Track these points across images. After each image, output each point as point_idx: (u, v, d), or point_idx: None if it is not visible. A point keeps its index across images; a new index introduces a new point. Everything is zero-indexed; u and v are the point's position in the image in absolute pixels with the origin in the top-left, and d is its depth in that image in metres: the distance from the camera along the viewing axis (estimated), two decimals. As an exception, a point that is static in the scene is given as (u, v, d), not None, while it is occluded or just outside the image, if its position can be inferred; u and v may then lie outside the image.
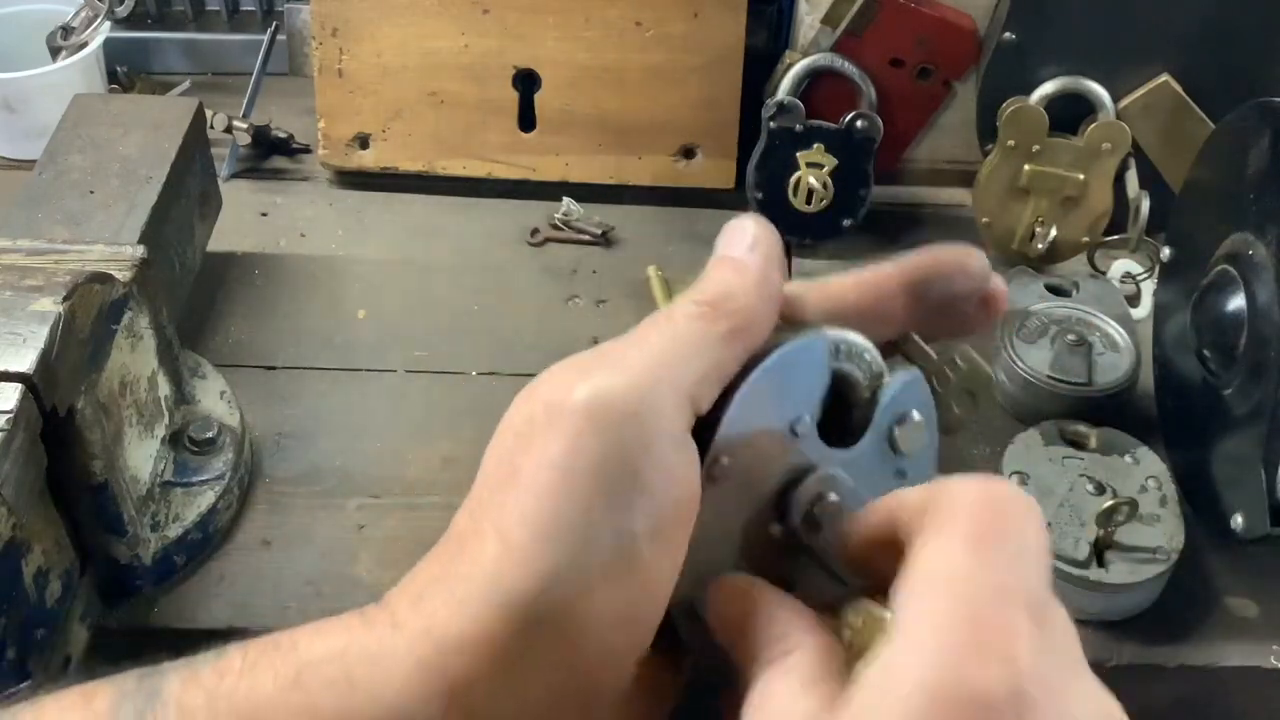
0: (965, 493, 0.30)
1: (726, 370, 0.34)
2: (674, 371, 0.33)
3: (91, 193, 0.78)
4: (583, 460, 0.31)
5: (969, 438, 0.81)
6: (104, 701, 0.31)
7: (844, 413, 0.38)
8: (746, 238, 0.36)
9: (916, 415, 0.38)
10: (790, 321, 0.37)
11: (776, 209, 0.96)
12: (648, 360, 0.33)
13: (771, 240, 0.36)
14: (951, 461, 0.85)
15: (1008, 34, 0.91)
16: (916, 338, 0.39)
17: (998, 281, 0.39)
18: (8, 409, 0.56)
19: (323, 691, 0.31)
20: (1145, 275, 0.91)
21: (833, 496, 0.36)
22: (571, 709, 0.32)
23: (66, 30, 1.02)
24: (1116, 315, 0.85)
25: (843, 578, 0.36)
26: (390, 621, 0.32)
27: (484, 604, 0.30)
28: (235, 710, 0.30)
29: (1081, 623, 0.72)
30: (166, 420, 0.73)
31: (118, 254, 0.68)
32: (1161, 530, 0.71)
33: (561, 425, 0.31)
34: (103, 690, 0.32)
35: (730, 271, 0.36)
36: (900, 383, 0.38)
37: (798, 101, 0.94)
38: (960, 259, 0.38)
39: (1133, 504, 0.70)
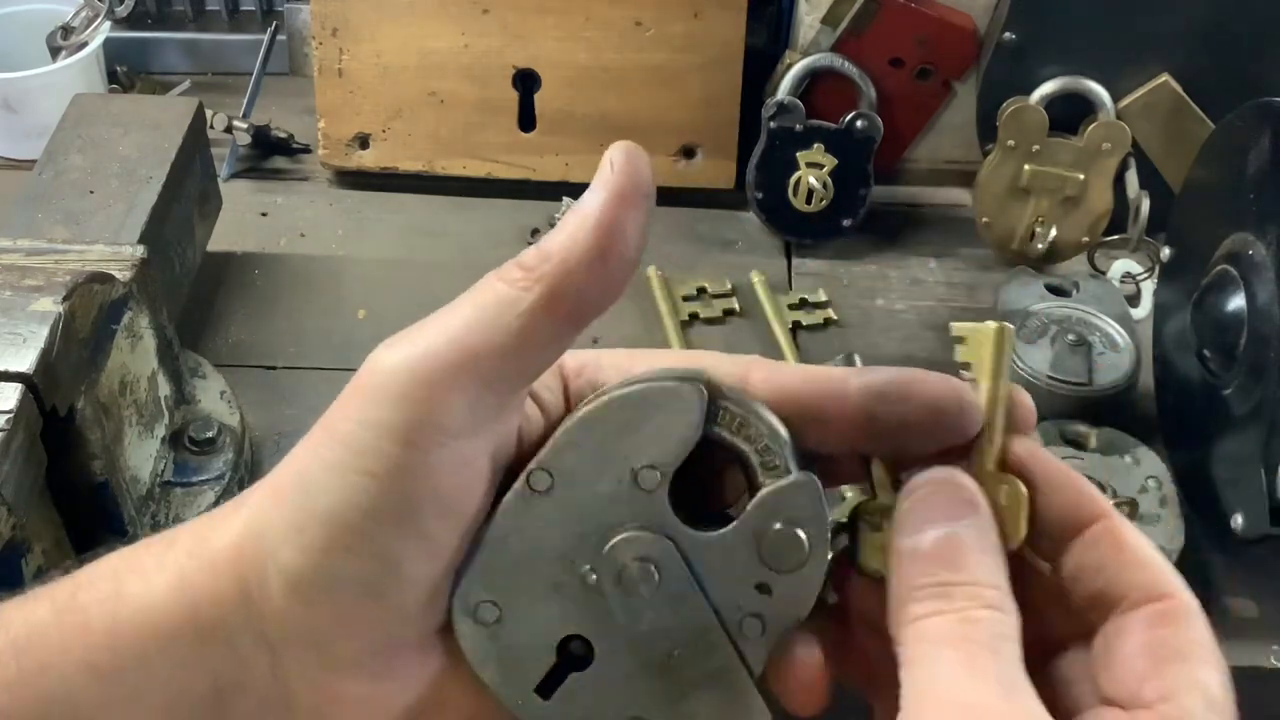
0: None
1: (544, 345, 0.31)
2: (471, 344, 0.30)
3: (91, 193, 0.78)
4: (368, 421, 0.30)
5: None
6: None
7: (721, 494, 0.35)
8: (597, 177, 0.31)
9: (799, 533, 0.32)
10: (713, 387, 0.33)
11: (776, 209, 0.96)
12: (450, 330, 0.30)
13: (623, 177, 0.31)
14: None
15: (1008, 34, 0.91)
16: (879, 468, 0.34)
17: (1021, 404, 0.33)
18: (8, 409, 0.56)
19: (94, 607, 0.31)
20: (1145, 275, 0.91)
21: (653, 569, 0.32)
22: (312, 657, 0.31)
23: (66, 30, 1.02)
24: (1116, 315, 0.85)
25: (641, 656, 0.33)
26: (168, 540, 0.32)
27: (234, 531, 0.31)
28: (11, 638, 0.31)
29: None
30: (166, 420, 0.73)
31: (118, 254, 0.68)
32: (1161, 530, 0.71)
33: (359, 385, 0.31)
34: None
35: (562, 227, 0.31)
36: (787, 483, 0.32)
37: (798, 101, 0.94)
38: (939, 394, 0.32)
39: (1133, 504, 0.70)
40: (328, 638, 0.31)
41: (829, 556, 0.33)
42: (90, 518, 0.64)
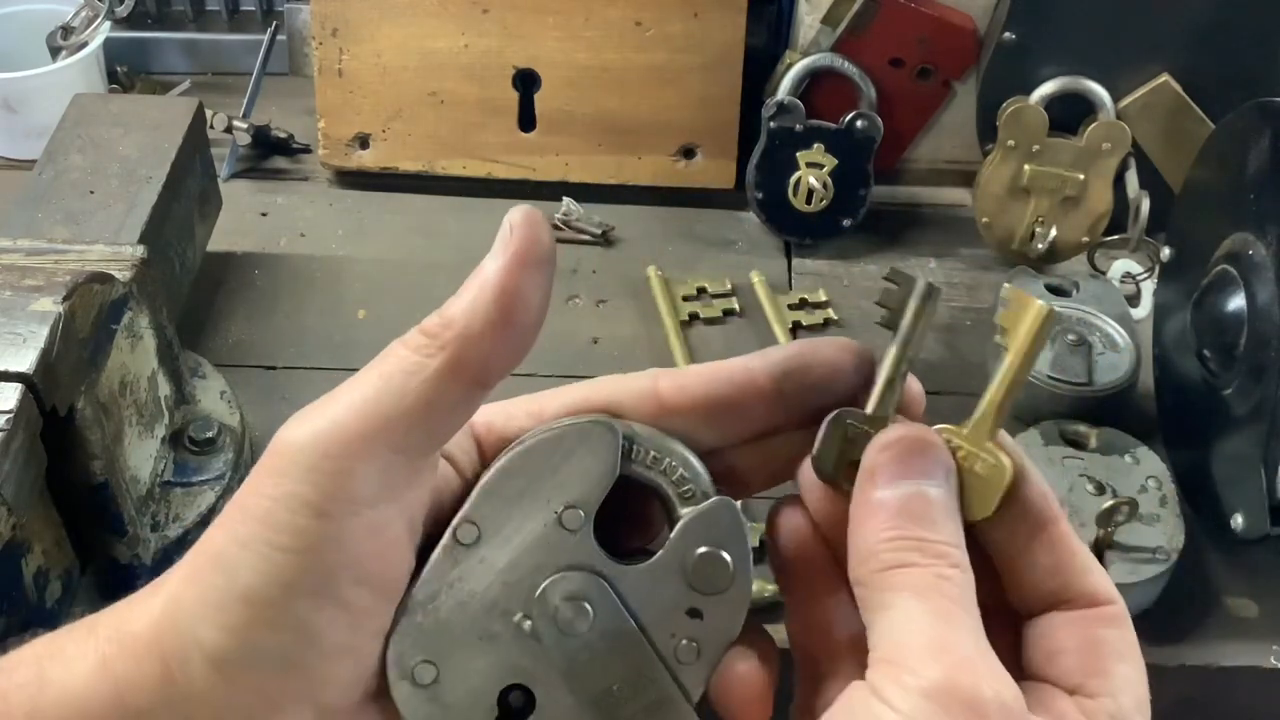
0: None
1: (451, 409, 0.31)
2: (378, 412, 0.30)
3: (91, 193, 0.78)
4: (281, 496, 0.30)
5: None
6: None
7: (642, 532, 0.35)
8: (496, 243, 0.31)
9: (722, 554, 0.33)
10: (614, 413, 0.34)
11: (776, 209, 0.96)
12: (356, 401, 0.31)
13: (522, 241, 0.31)
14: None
15: (1008, 34, 0.91)
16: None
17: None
18: (8, 409, 0.56)
19: (14, 693, 0.31)
20: (1145, 275, 0.91)
21: (587, 606, 0.33)
22: None
23: (66, 30, 1.02)
24: (1116, 315, 0.85)
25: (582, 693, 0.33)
26: (89, 625, 0.32)
27: (154, 614, 0.31)
28: None
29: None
30: (166, 420, 0.73)
31: (118, 254, 0.68)
32: (1161, 530, 0.71)
33: (268, 464, 0.31)
34: None
35: (464, 292, 0.31)
36: (705, 507, 0.33)
37: (798, 101, 0.94)
38: (833, 357, 0.34)
39: (1133, 504, 0.70)
40: (253, 715, 0.31)
41: (751, 575, 0.34)
42: (90, 518, 0.64)
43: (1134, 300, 0.92)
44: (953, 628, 0.30)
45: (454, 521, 0.33)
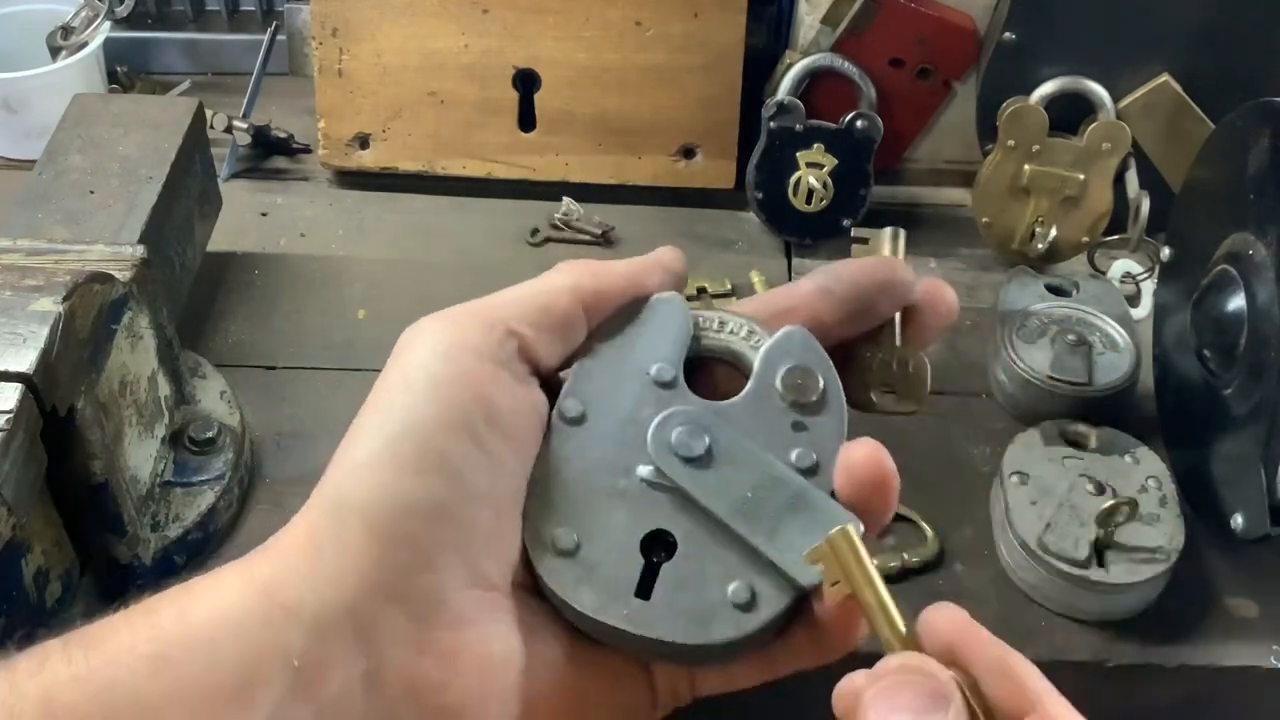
0: None
1: (567, 315, 0.36)
2: (500, 311, 0.35)
3: (91, 193, 0.78)
4: (426, 355, 0.34)
5: (969, 438, 0.81)
6: None
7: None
8: (658, 259, 0.41)
9: (807, 365, 0.37)
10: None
11: (776, 209, 0.96)
12: (486, 302, 0.36)
13: (664, 264, 0.40)
14: (951, 463, 0.85)
15: (1008, 34, 0.91)
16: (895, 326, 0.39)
17: (932, 291, 0.38)
18: (8, 409, 0.56)
19: (162, 604, 0.31)
20: (1145, 275, 0.91)
21: (705, 438, 0.35)
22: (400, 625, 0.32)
23: (66, 30, 1.02)
24: (1116, 315, 0.85)
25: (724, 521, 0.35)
26: (237, 560, 0.33)
27: (306, 515, 0.32)
28: (82, 634, 0.31)
29: (1081, 623, 0.72)
30: (166, 420, 0.73)
31: (118, 254, 0.68)
32: (1161, 530, 0.71)
33: (410, 344, 0.34)
34: None
35: (622, 260, 0.40)
36: (780, 334, 0.37)
37: (798, 101, 0.94)
38: (881, 275, 0.38)
39: (1133, 504, 0.70)
40: (407, 576, 0.31)
41: (839, 381, 0.37)
42: (90, 518, 0.64)
43: (1134, 300, 0.92)
44: None
45: (558, 401, 0.36)
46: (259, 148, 1.03)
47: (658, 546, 0.35)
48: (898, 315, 0.38)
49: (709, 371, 0.38)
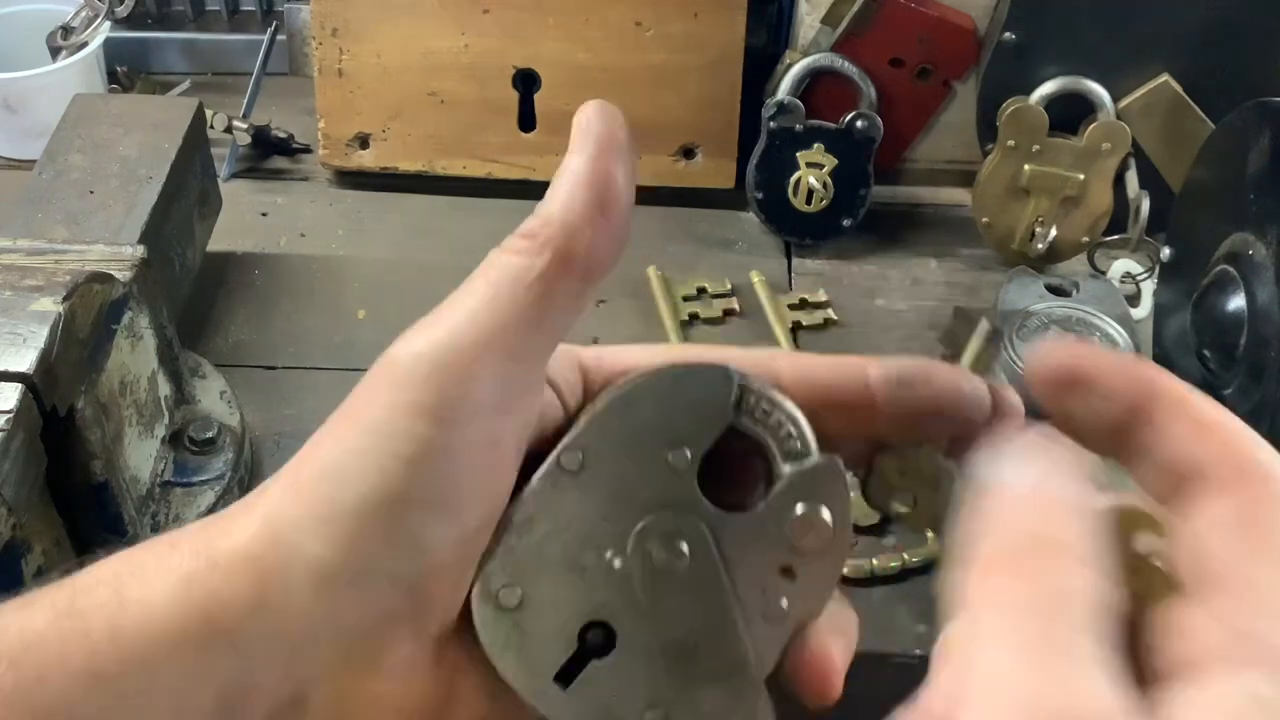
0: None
1: (563, 308, 0.31)
2: (493, 319, 0.30)
3: (91, 193, 0.78)
4: (399, 404, 0.30)
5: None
6: None
7: (741, 488, 0.35)
8: (575, 138, 0.32)
9: (824, 513, 0.33)
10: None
11: (776, 209, 0.96)
12: (469, 310, 0.30)
13: (601, 132, 0.32)
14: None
15: (1008, 34, 0.91)
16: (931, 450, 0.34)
17: (1001, 411, 0.33)
18: (8, 409, 0.56)
19: (94, 613, 0.30)
20: (1145, 275, 0.91)
21: (683, 547, 0.32)
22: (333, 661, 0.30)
23: (66, 30, 1.02)
24: (1116, 315, 0.85)
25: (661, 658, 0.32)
26: (170, 542, 0.31)
27: (250, 530, 0.30)
28: (6, 646, 0.29)
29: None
30: (166, 420, 0.73)
31: (118, 254, 0.68)
32: (1161, 530, 0.70)
33: (383, 375, 0.30)
34: None
35: (555, 190, 0.31)
36: (811, 464, 0.33)
37: (798, 101, 0.94)
38: (954, 388, 0.33)
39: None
40: (353, 634, 0.30)
41: (849, 539, 0.33)
42: (90, 518, 0.64)
43: (1134, 300, 0.92)
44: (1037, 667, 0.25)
45: (559, 445, 0.32)
46: (259, 148, 1.03)
47: (598, 635, 0.33)
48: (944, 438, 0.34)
49: (733, 447, 0.34)
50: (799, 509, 0.33)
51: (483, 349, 0.30)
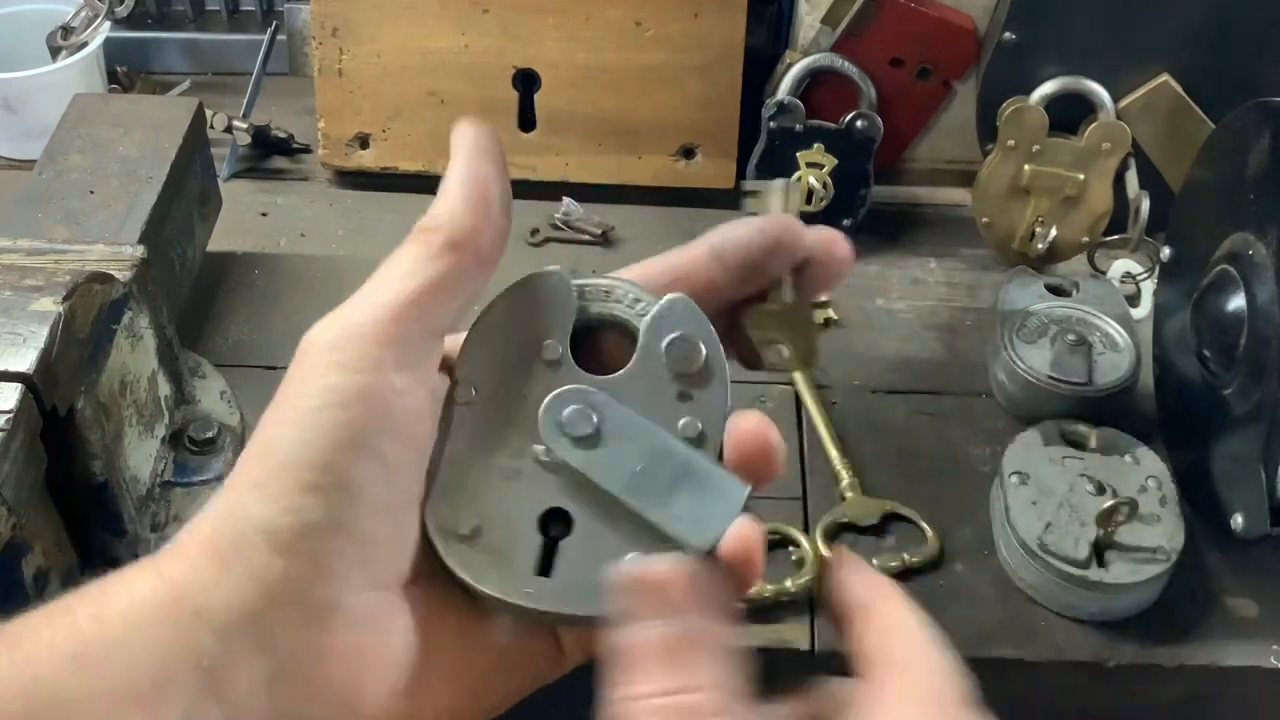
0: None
1: (453, 285, 0.36)
2: (399, 294, 0.36)
3: (91, 193, 0.78)
4: (317, 370, 0.35)
5: (969, 438, 0.81)
6: None
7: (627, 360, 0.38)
8: (453, 151, 0.38)
9: (687, 335, 0.37)
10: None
11: (776, 209, 0.96)
12: (376, 290, 0.36)
13: (472, 143, 0.38)
14: (951, 463, 0.85)
15: (1008, 34, 0.91)
16: (786, 283, 0.39)
17: (825, 243, 0.38)
18: (8, 409, 0.56)
19: (80, 603, 0.33)
20: (1145, 275, 0.91)
21: (589, 411, 0.36)
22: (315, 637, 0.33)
23: (66, 30, 1.02)
24: (1116, 315, 0.85)
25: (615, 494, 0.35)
26: (155, 555, 0.34)
27: (209, 517, 0.34)
28: (4, 634, 0.32)
29: (1081, 622, 0.72)
30: (166, 420, 0.73)
31: (118, 254, 0.68)
32: (1161, 530, 0.71)
33: (301, 360, 0.35)
34: None
35: (440, 195, 0.37)
36: (663, 303, 0.37)
37: (798, 101, 0.94)
38: (772, 234, 0.38)
39: (1133, 504, 0.70)
40: (307, 586, 0.33)
41: (723, 351, 0.37)
42: (90, 518, 0.64)
43: (1134, 300, 0.92)
44: None
45: (449, 386, 0.36)
46: (259, 148, 1.03)
47: (556, 523, 0.36)
48: (788, 271, 0.38)
49: (597, 339, 0.38)
50: (665, 341, 0.37)
51: (392, 320, 0.35)
